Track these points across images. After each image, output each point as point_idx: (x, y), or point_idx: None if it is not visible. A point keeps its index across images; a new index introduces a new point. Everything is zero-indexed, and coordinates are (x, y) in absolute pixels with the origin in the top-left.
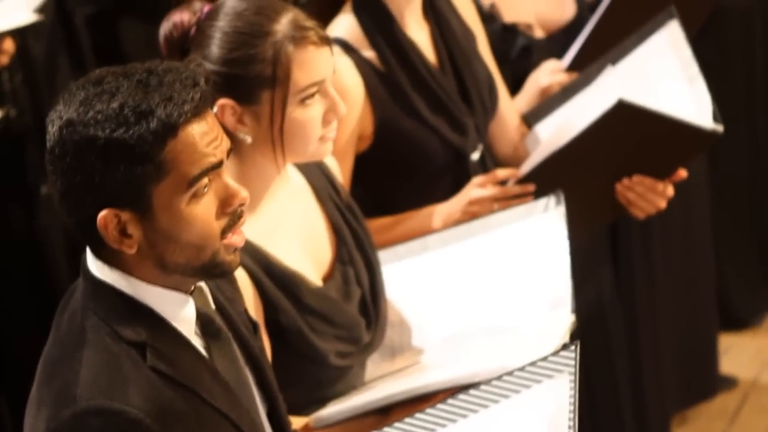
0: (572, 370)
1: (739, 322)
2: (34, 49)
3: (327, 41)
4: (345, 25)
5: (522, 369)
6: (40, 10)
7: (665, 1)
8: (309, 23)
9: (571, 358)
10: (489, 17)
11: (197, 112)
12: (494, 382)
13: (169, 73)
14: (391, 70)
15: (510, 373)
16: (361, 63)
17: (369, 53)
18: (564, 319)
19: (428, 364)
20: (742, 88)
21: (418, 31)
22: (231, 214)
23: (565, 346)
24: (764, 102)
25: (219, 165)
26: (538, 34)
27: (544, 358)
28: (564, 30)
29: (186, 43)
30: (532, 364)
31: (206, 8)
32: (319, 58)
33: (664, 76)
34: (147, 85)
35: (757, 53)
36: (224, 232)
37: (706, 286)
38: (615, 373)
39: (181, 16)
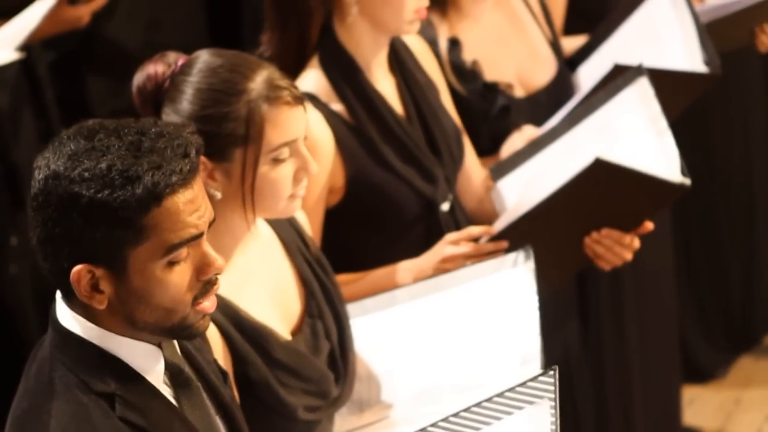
0: (552, 396)
1: (703, 374)
2: (1, 99)
3: (300, 101)
4: (313, 79)
5: (501, 395)
6: (22, 48)
7: None
8: (283, 82)
9: (551, 383)
10: (470, 75)
11: (185, 183)
12: (474, 409)
13: (161, 138)
14: (360, 122)
15: (489, 399)
16: (330, 116)
17: (338, 106)
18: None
19: (397, 420)
20: (716, 146)
21: (385, 83)
22: (205, 282)
23: (543, 372)
24: (740, 159)
25: (199, 236)
26: (518, 93)
27: (523, 383)
28: (544, 90)
29: (159, 95)
30: (511, 389)
31: (180, 61)
32: (292, 117)
33: (633, 130)
34: (138, 149)
35: (734, 118)
36: (196, 299)
37: (671, 338)
38: (580, 427)
39: (155, 68)
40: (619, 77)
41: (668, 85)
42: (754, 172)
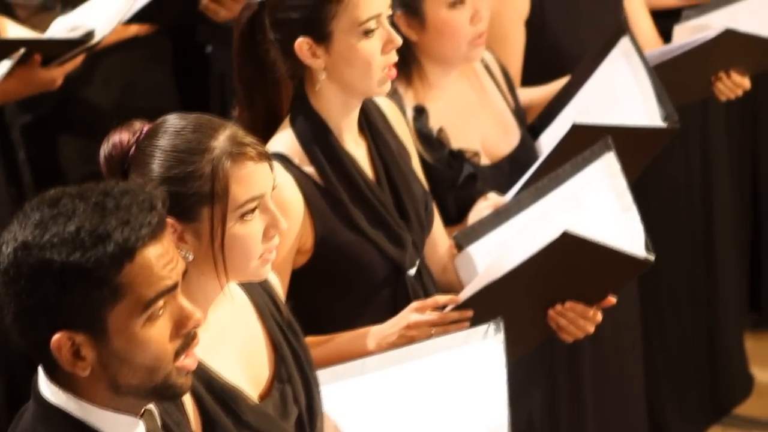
0: None
1: None
2: None
3: (266, 157)
4: (284, 140)
5: None
6: None
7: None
8: (247, 139)
9: None
10: (437, 143)
11: (154, 236)
12: None
13: (125, 195)
14: (331, 184)
15: None
16: (301, 178)
17: (309, 168)
18: None
19: None
20: (681, 209)
21: (355, 146)
22: (185, 335)
23: None
24: (703, 222)
25: (174, 288)
26: (484, 161)
27: None
28: (507, 158)
29: (125, 162)
30: None
31: (146, 128)
32: (257, 173)
33: (599, 204)
34: (104, 208)
35: (695, 176)
36: (177, 354)
37: (636, 409)
38: None
39: (120, 137)
40: (586, 150)
41: (630, 142)
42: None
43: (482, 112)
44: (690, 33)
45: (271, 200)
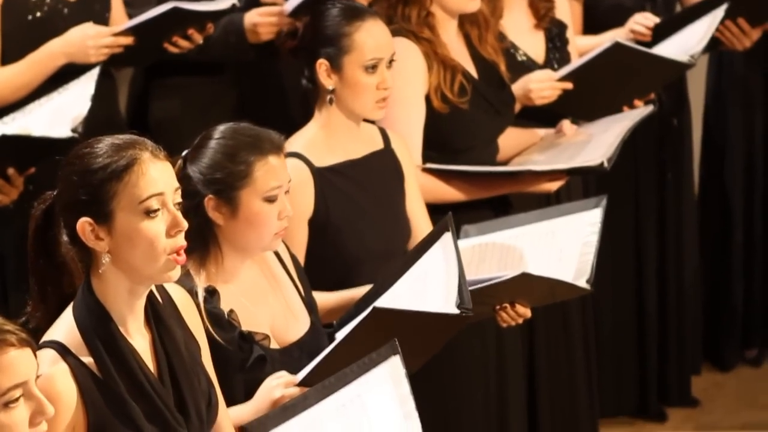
0: None
1: None
2: None
3: (27, 343)
4: (64, 328)
5: None
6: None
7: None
8: (7, 326)
9: None
10: (227, 324)
11: None
12: None
13: None
14: (109, 376)
15: None
16: (78, 368)
17: (87, 358)
18: None
19: None
20: (477, 390)
21: (140, 337)
22: None
23: None
24: (497, 411)
25: None
26: (274, 345)
27: None
28: (297, 343)
29: None
30: None
31: None
32: (18, 360)
33: (381, 410)
34: None
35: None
36: None
37: None
38: None
39: None
40: (374, 352)
41: (425, 326)
42: None
43: (272, 298)
44: (470, 253)
45: (36, 386)
